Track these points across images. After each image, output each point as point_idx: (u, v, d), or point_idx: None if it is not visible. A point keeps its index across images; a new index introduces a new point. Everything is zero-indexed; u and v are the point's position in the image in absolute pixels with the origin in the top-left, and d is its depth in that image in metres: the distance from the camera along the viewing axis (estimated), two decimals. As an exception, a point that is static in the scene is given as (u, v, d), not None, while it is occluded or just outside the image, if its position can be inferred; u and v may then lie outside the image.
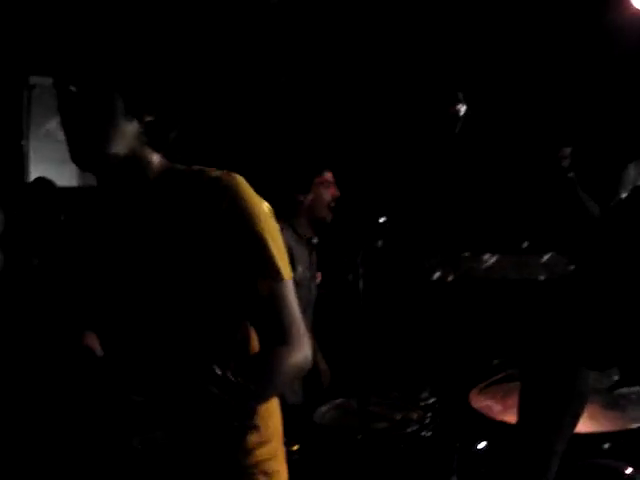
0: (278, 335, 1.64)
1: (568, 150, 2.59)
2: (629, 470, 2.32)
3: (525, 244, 3.75)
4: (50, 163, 3.47)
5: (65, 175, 3.57)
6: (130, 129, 1.63)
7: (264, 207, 1.67)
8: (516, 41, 3.97)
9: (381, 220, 3.12)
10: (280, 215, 1.72)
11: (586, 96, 3.73)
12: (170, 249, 1.65)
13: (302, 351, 1.67)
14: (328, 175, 3.65)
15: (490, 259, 3.84)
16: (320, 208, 3.61)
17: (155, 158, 1.70)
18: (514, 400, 2.45)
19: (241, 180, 1.65)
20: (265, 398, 1.70)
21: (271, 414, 1.78)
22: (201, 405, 1.51)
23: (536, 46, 3.93)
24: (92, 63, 1.61)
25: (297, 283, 3.42)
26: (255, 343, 1.72)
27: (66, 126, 1.63)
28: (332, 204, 3.62)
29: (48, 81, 1.71)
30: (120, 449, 1.54)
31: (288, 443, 2.82)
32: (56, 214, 1.70)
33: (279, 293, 1.64)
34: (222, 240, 1.61)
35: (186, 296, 1.64)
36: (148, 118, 1.65)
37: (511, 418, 2.54)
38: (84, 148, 1.62)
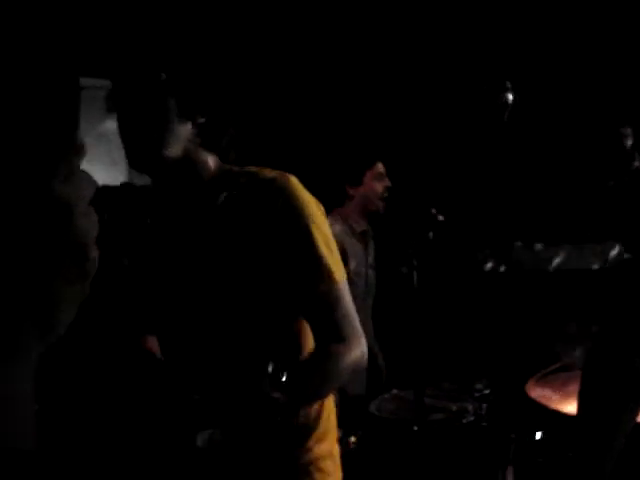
0: (334, 333, 1.65)
1: (629, 130, 2.53)
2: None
3: (578, 233, 3.71)
4: (100, 165, 3.53)
5: (114, 177, 3.64)
6: (184, 131, 1.65)
7: (318, 209, 1.68)
8: (566, 25, 3.93)
9: (433, 211, 3.12)
10: (332, 208, 1.72)
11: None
12: (225, 251, 1.67)
13: (358, 347, 1.67)
14: (379, 166, 3.66)
15: (542, 249, 3.81)
16: (372, 200, 3.62)
17: (209, 159, 1.72)
18: (571, 389, 2.44)
19: (295, 181, 1.66)
20: (322, 395, 1.72)
21: (329, 413, 1.80)
22: (253, 403, 1.54)
23: (586, 29, 3.88)
24: (146, 67, 1.63)
25: (350, 278, 3.45)
26: (310, 340, 1.74)
27: (123, 130, 1.66)
28: (384, 195, 3.63)
29: (98, 82, 1.73)
30: (183, 448, 1.57)
31: (346, 434, 2.86)
32: (144, 217, 1.73)
33: (333, 294, 1.65)
34: (276, 242, 1.62)
35: (241, 296, 1.66)
36: (201, 120, 1.67)
37: (569, 408, 2.53)
38: (140, 151, 1.65)
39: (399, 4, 4.15)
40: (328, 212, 1.76)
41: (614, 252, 3.38)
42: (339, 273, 1.67)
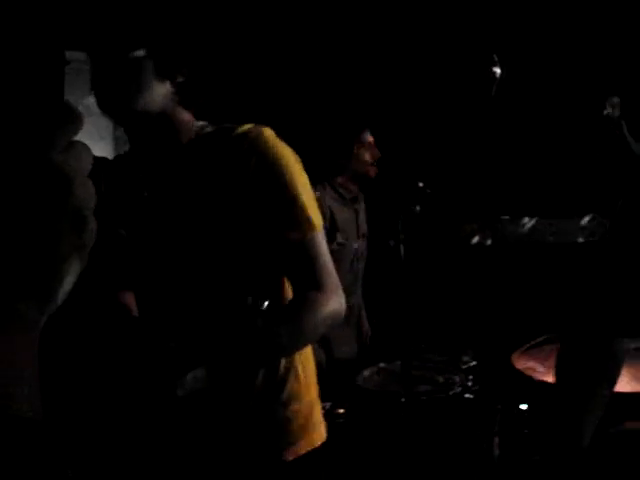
0: (311, 282, 1.66)
1: (616, 99, 2.51)
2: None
3: (564, 207, 3.73)
4: (85, 139, 3.51)
5: (101, 151, 3.65)
6: (161, 90, 1.65)
7: (293, 158, 1.69)
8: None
9: (420, 185, 3.13)
10: (321, 177, 1.73)
11: (628, 43, 3.67)
12: (203, 204, 1.67)
13: (336, 298, 1.68)
14: (368, 136, 3.65)
15: (529, 222, 3.82)
16: (361, 168, 3.61)
17: (187, 117, 1.72)
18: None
19: (269, 132, 1.67)
20: (300, 343, 1.72)
21: (305, 367, 1.79)
22: (235, 332, 1.55)
23: (572, 2, 3.88)
24: (122, 26, 1.63)
25: (339, 244, 3.45)
26: (289, 293, 1.75)
27: (99, 95, 1.65)
28: (374, 163, 3.62)
29: (83, 56, 1.72)
30: (163, 399, 1.58)
31: (333, 406, 2.89)
32: (140, 189, 1.74)
33: (310, 242, 1.66)
34: (254, 193, 1.63)
35: (220, 250, 1.67)
36: (180, 79, 1.67)
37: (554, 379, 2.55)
38: (111, 100, 1.64)
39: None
40: (317, 182, 1.77)
41: (598, 226, 3.40)
42: (316, 222, 1.68)
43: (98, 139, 3.37)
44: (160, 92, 1.65)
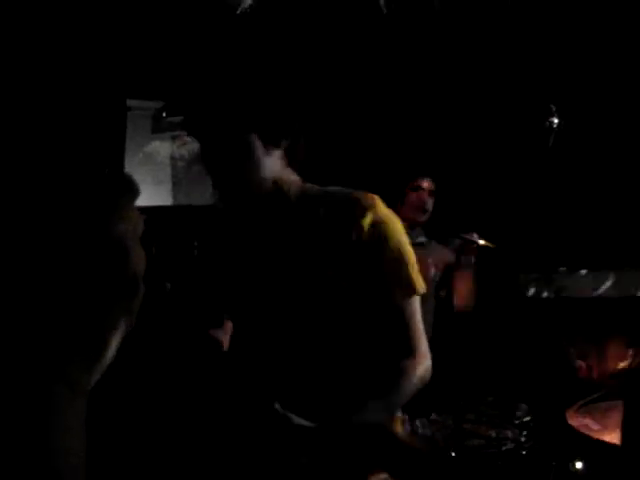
0: (406, 348, 1.75)
1: None
2: None
3: (625, 258, 3.66)
4: (146, 184, 3.58)
5: (160, 195, 3.70)
6: (270, 158, 1.72)
7: (400, 226, 1.77)
8: (610, 50, 3.90)
9: (474, 236, 3.11)
10: None
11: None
12: (313, 267, 1.74)
13: (425, 362, 1.78)
14: (422, 182, 3.62)
15: (586, 275, 3.76)
16: (409, 213, 3.57)
17: (294, 179, 1.79)
18: (613, 419, 2.40)
19: (380, 201, 1.75)
20: (396, 409, 1.86)
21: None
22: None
23: (632, 54, 3.85)
24: (225, 111, 1.69)
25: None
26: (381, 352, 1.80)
27: (212, 173, 1.73)
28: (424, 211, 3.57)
29: (144, 104, 1.78)
30: (286, 463, 1.62)
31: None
32: (190, 241, 1.80)
33: (410, 307, 1.74)
34: (363, 257, 1.70)
35: (325, 311, 1.73)
36: (285, 144, 1.72)
37: (610, 437, 2.49)
38: (232, 188, 1.74)
39: (445, 30, 4.16)
40: None
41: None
42: (418, 286, 1.76)
43: (157, 184, 3.43)
44: (269, 161, 1.71)
